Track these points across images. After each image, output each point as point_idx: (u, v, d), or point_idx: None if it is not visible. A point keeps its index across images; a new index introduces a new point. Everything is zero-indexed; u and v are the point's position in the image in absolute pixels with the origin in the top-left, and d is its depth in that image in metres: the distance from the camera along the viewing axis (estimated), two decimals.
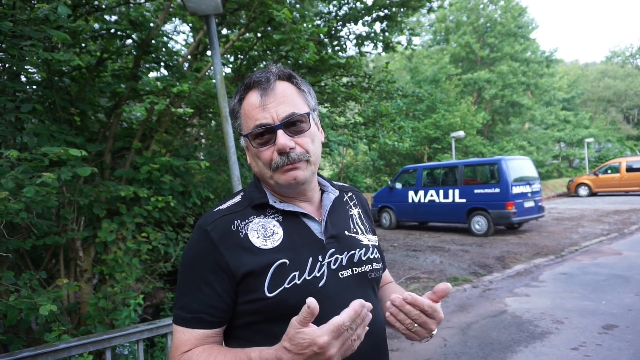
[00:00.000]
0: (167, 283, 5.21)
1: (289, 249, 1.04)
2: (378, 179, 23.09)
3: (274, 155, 1.04)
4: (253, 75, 1.08)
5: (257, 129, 1.04)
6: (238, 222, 1.06)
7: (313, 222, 1.12)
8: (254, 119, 1.05)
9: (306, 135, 1.07)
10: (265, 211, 1.10)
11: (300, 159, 1.05)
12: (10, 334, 3.42)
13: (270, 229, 1.07)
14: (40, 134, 3.61)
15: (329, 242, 1.09)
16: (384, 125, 7.52)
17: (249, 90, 1.08)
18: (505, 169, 10.21)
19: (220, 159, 5.98)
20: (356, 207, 1.28)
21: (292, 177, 1.05)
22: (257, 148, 1.06)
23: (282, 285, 0.99)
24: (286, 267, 1.01)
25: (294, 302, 0.98)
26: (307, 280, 1.01)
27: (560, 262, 7.72)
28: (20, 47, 3.03)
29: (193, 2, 3.42)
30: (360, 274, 1.11)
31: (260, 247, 1.03)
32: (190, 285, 1.04)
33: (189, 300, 1.03)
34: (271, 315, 1.00)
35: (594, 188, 19.27)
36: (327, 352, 0.81)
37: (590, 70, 40.38)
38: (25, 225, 3.42)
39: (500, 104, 27.70)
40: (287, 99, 1.05)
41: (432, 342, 4.39)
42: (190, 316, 1.01)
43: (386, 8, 6.70)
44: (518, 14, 27.62)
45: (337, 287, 1.05)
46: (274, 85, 1.05)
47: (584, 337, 4.25)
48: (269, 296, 0.98)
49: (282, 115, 1.03)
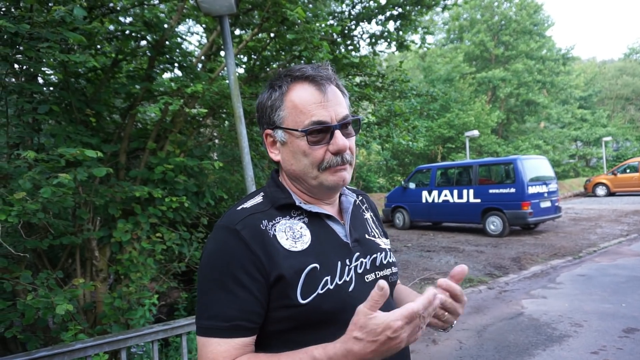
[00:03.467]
0: (181, 283, 5.24)
1: (318, 252, 1.00)
2: (391, 179, 22.96)
3: (326, 154, 1.01)
4: (304, 69, 1.04)
5: (315, 125, 1.00)
6: (265, 222, 1.01)
7: (337, 224, 1.09)
8: (310, 115, 1.00)
9: (353, 139, 1.06)
10: (290, 212, 1.06)
11: (349, 161, 1.04)
12: (28, 332, 3.47)
13: (298, 230, 1.03)
14: (56, 134, 3.65)
15: (354, 245, 1.07)
16: (397, 124, 7.46)
17: (300, 83, 1.03)
18: (521, 168, 10.06)
19: (233, 159, 6.00)
20: (368, 211, 1.27)
21: (341, 178, 1.03)
22: (311, 146, 1.01)
23: (316, 291, 0.95)
24: (317, 272, 0.97)
25: (327, 307, 0.95)
26: (339, 285, 0.98)
27: (578, 263, 7.58)
28: (38, 49, 3.06)
29: (207, 3, 3.42)
30: (383, 277, 1.09)
31: (289, 249, 0.98)
32: (222, 291, 0.94)
33: (224, 308, 0.93)
34: (303, 322, 0.95)
35: (612, 188, 18.89)
36: (400, 336, 0.80)
37: (608, 68, 39.68)
38: (43, 225, 3.46)
39: (515, 103, 27.37)
40: (339, 100, 1.04)
41: (447, 345, 4.33)
42: (228, 324, 0.92)
43: (400, 7, 6.64)
44: (533, 11, 27.25)
45: (364, 292, 0.98)
46: (329, 85, 1.03)
47: (604, 341, 4.15)
48: (302, 303, 0.93)
49: (340, 115, 1.02)
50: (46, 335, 3.72)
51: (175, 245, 4.35)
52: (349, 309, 0.93)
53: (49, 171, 3.05)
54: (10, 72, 3.44)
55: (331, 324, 0.94)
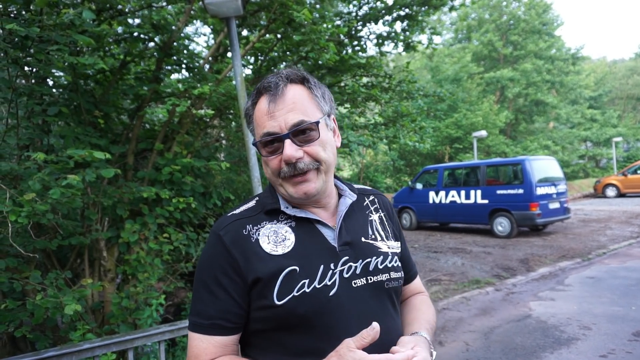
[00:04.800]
0: (188, 283, 5.27)
1: (299, 255, 1.01)
2: (398, 179, 22.92)
3: (281, 164, 1.01)
4: (264, 80, 1.05)
5: (264, 137, 1.01)
6: (250, 227, 1.05)
7: (327, 228, 1.08)
8: (262, 127, 1.02)
9: (316, 144, 1.02)
10: (278, 217, 1.08)
11: (309, 168, 1.01)
12: (37, 332, 3.51)
13: (282, 234, 1.04)
14: (66, 136, 3.69)
15: (342, 249, 1.05)
16: (404, 125, 7.44)
17: (261, 96, 1.05)
18: (530, 169, 9.99)
19: (240, 159, 6.02)
20: (377, 212, 1.22)
21: (302, 191, 1.02)
22: (266, 157, 1.04)
23: (291, 293, 0.96)
24: (296, 275, 0.98)
25: (303, 310, 0.96)
26: (317, 288, 0.98)
27: (587, 265, 7.50)
28: (47, 51, 3.10)
29: (214, 5, 3.44)
30: (376, 283, 1.06)
31: (270, 252, 1.00)
32: (205, 291, 1.02)
33: (205, 306, 1.01)
34: (281, 323, 0.98)
35: (622, 189, 18.68)
36: None
37: (618, 67, 39.28)
38: (52, 225, 3.49)
39: (523, 103, 27.17)
40: (297, 106, 1.01)
41: (454, 347, 4.32)
42: (208, 322, 1.00)
43: (407, 7, 6.62)
44: (542, 10, 27.03)
45: (350, 297, 1.00)
46: (284, 90, 1.02)
47: (613, 344, 4.11)
48: (278, 304, 0.96)
49: (290, 123, 0.99)
50: (55, 335, 3.75)
51: (182, 246, 4.38)
52: (328, 312, 0.96)
53: (58, 172, 3.08)
54: (20, 75, 3.48)
55: (310, 326, 0.96)
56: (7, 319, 3.13)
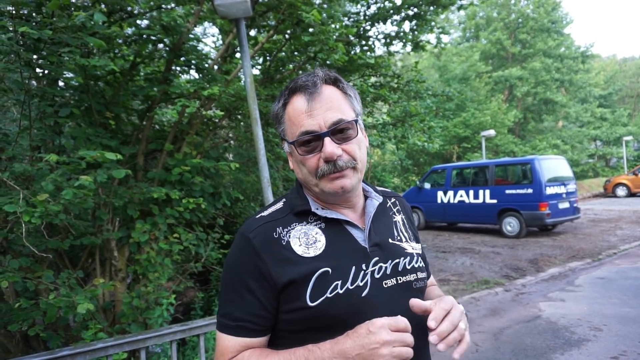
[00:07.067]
0: (197, 283, 5.30)
1: (331, 257, 1.01)
2: (406, 179, 22.81)
3: (320, 162, 1.02)
4: (298, 79, 1.05)
5: (303, 136, 1.01)
6: (280, 230, 1.04)
7: (356, 229, 1.09)
8: (299, 126, 1.02)
9: (353, 142, 1.04)
10: (308, 218, 1.08)
11: (347, 166, 1.02)
12: (50, 330, 3.55)
13: (313, 236, 1.04)
14: (77, 137, 3.72)
15: (372, 250, 1.06)
16: (413, 125, 7.42)
17: (294, 95, 1.05)
18: (539, 168, 9.92)
19: (249, 160, 6.03)
20: (400, 214, 1.25)
21: (339, 186, 1.02)
22: (303, 156, 1.03)
23: (324, 295, 0.97)
24: (328, 276, 0.99)
25: (335, 312, 0.96)
26: (350, 289, 0.99)
27: (598, 265, 7.44)
28: (59, 53, 3.13)
29: (224, 7, 3.45)
30: (405, 283, 1.08)
31: (302, 255, 1.01)
32: (233, 293, 1.03)
33: (232, 308, 1.02)
34: (312, 324, 0.98)
35: (633, 188, 18.49)
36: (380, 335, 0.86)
37: (629, 65, 38.82)
38: (64, 226, 3.53)
39: (532, 102, 26.96)
40: (334, 105, 1.02)
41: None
42: (234, 324, 1.01)
43: (415, 7, 6.60)
44: (552, 8, 26.79)
45: (381, 297, 1.02)
46: (321, 89, 1.02)
47: (625, 346, 4.07)
48: (310, 305, 0.96)
49: (329, 121, 1.00)
50: (67, 334, 3.79)
51: (192, 246, 4.40)
52: (360, 313, 0.97)
53: (70, 173, 3.11)
54: (32, 77, 3.52)
55: (342, 327, 0.95)
56: (20, 317, 3.17)
